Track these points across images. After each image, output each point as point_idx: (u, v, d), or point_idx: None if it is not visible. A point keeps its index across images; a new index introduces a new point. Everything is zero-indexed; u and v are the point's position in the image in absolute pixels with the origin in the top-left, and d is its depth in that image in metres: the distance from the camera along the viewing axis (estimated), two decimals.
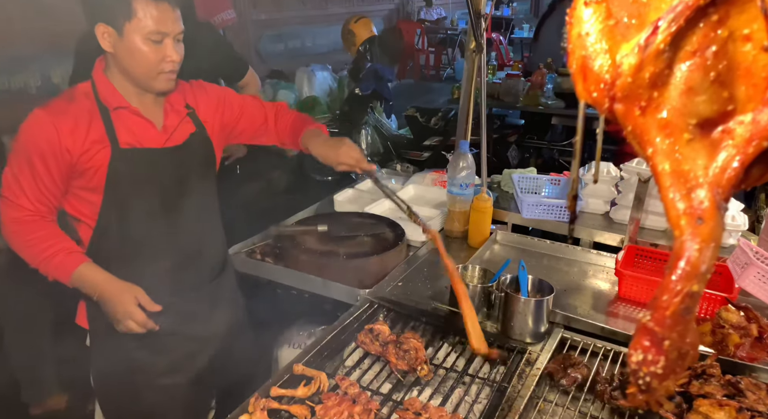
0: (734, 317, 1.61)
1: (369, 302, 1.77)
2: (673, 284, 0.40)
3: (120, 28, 1.40)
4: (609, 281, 1.98)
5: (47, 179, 1.46)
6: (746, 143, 0.39)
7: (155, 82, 1.49)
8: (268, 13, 7.80)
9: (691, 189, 0.40)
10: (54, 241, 1.50)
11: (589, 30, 0.42)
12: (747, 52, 0.38)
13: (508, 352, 1.56)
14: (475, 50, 2.19)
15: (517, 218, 2.42)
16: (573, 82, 0.46)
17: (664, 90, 0.41)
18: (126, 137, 1.51)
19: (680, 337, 0.40)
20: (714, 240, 0.40)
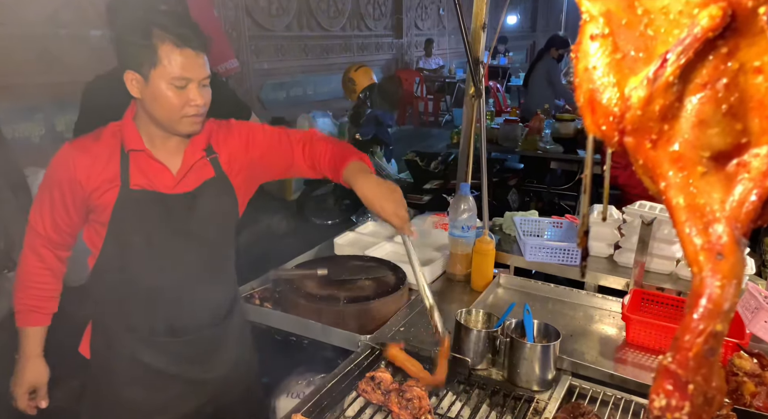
0: (747, 364, 1.56)
1: (370, 348, 1.72)
2: (696, 323, 0.38)
3: (147, 74, 1.44)
4: (616, 325, 1.93)
5: (62, 210, 1.55)
6: (763, 177, 0.38)
7: (179, 126, 1.51)
8: (271, 62, 8.02)
9: (708, 224, 0.39)
10: (36, 292, 1.60)
11: (596, 64, 0.42)
12: (759, 84, 0.37)
13: (515, 401, 1.50)
14: (474, 95, 2.23)
15: (519, 261, 2.40)
16: (581, 116, 0.45)
17: (675, 123, 0.40)
18: (137, 179, 1.54)
19: (705, 381, 0.38)
20: (736, 276, 0.38)
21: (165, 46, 1.42)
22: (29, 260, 1.60)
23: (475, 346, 1.63)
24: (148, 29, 1.42)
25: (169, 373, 1.65)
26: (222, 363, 1.74)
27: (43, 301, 1.61)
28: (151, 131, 1.55)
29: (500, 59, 13.55)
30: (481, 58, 2.19)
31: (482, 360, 1.64)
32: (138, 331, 1.62)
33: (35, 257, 1.60)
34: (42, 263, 1.60)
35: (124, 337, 1.62)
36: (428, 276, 2.18)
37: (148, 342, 1.63)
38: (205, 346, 1.71)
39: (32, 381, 1.63)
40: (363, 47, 10.44)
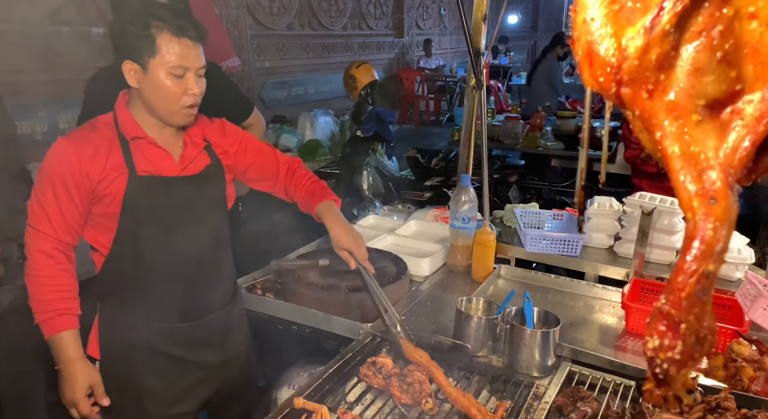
0: (746, 350, 1.57)
1: (371, 336, 1.73)
2: (688, 265, 0.38)
3: (145, 64, 1.47)
4: (615, 315, 1.94)
5: (70, 205, 1.51)
6: (756, 122, 0.39)
7: (176, 116, 1.55)
8: (272, 61, 8.04)
9: (702, 171, 0.40)
10: (59, 294, 1.53)
11: (593, 15, 0.43)
12: (753, 30, 0.38)
13: (515, 387, 1.51)
14: (475, 87, 2.24)
15: (520, 253, 2.41)
16: (579, 71, 0.46)
17: (671, 72, 0.41)
18: (143, 165, 1.56)
19: (697, 320, 0.38)
20: (728, 220, 0.39)
21: (163, 36, 1.45)
22: (43, 265, 1.53)
23: (475, 333, 1.64)
24: (147, 20, 1.45)
25: (187, 359, 1.68)
26: (230, 347, 1.80)
27: (69, 302, 1.56)
28: (146, 120, 1.57)
29: (501, 59, 13.57)
30: (482, 48, 2.20)
31: (482, 347, 1.65)
32: (154, 319, 1.63)
33: (50, 261, 1.53)
34: (58, 264, 1.55)
35: (139, 328, 1.62)
36: (429, 268, 2.20)
37: (165, 330, 1.65)
38: (217, 329, 1.75)
39: (87, 383, 1.56)
40: (364, 46, 10.46)
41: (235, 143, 1.80)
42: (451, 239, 2.24)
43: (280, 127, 7.00)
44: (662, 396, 0.43)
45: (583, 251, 2.33)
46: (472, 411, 1.36)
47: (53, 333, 1.53)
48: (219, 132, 1.76)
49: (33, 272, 1.54)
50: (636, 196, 2.29)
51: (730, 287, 1.97)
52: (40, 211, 1.52)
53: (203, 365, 1.73)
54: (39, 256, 1.53)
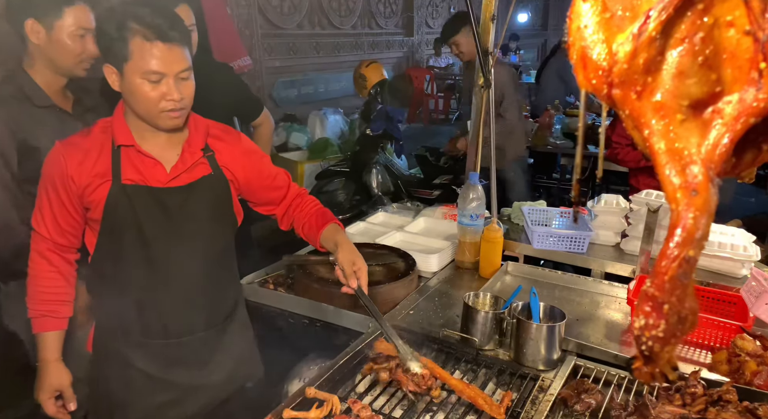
0: (750, 345, 1.59)
1: (380, 329, 1.77)
2: (671, 251, 0.42)
3: (121, 68, 1.43)
4: (621, 311, 1.97)
5: (61, 208, 1.53)
6: (734, 121, 0.42)
7: (159, 121, 1.49)
8: (282, 60, 8.09)
9: (685, 165, 0.44)
10: (45, 296, 1.59)
11: (587, 23, 0.47)
12: (731, 37, 0.42)
13: (521, 379, 1.54)
14: (483, 86, 2.27)
15: (527, 250, 2.43)
16: (574, 74, 0.50)
17: (657, 75, 0.45)
18: (129, 174, 1.52)
19: (679, 301, 0.42)
20: (708, 210, 0.42)
21: (135, 40, 1.39)
22: (38, 265, 1.58)
23: (482, 327, 1.67)
24: (123, 21, 1.38)
25: (157, 377, 1.62)
26: (221, 367, 1.71)
27: (56, 305, 1.58)
28: (140, 126, 1.53)
29: (511, 57, 13.54)
30: (490, 49, 2.24)
31: (489, 341, 1.68)
32: (131, 333, 1.59)
33: (44, 262, 1.57)
34: (51, 266, 1.58)
35: (117, 339, 1.61)
36: (437, 264, 2.23)
37: (140, 345, 1.60)
38: (202, 349, 1.67)
39: (55, 386, 1.60)
40: (374, 45, 10.49)
41: (247, 156, 1.71)
42: (459, 236, 2.27)
43: (290, 125, 7.06)
44: (650, 373, 0.46)
45: (590, 248, 2.36)
46: (479, 401, 1.39)
47: (37, 331, 1.59)
48: (232, 142, 1.69)
49: (30, 272, 1.60)
50: (643, 194, 2.32)
51: (735, 284, 1.99)
52: (38, 213, 1.56)
53: (176, 386, 1.65)
54: (35, 256, 1.59)
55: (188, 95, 1.50)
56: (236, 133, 1.75)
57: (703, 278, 2.05)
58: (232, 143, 1.69)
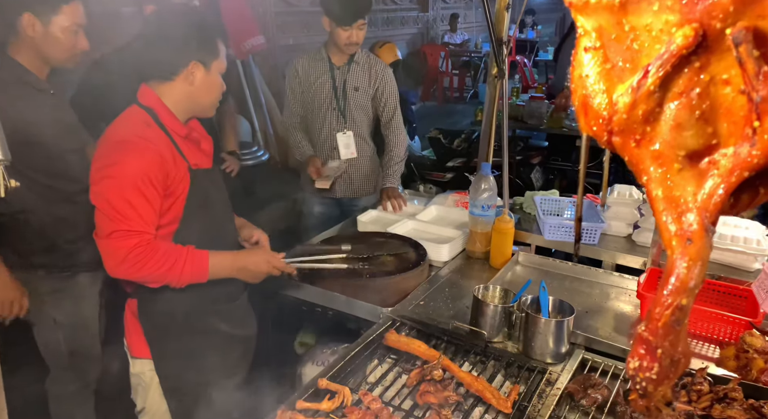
0: (758, 342, 1.60)
1: (391, 320, 1.81)
2: (665, 298, 0.44)
3: (209, 64, 1.64)
4: (631, 303, 1.98)
5: (159, 202, 1.58)
6: (729, 173, 0.43)
7: (212, 110, 1.75)
8: (296, 37, 8.02)
9: (681, 213, 0.45)
10: (174, 251, 1.59)
11: (588, 72, 0.48)
12: (727, 94, 0.43)
13: (529, 372, 1.58)
14: (497, 76, 2.26)
15: (539, 240, 2.45)
16: (576, 117, 0.51)
17: (656, 125, 0.46)
18: (192, 159, 1.69)
19: (672, 346, 0.44)
20: (701, 259, 0.44)
21: (218, 42, 1.65)
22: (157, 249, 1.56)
23: (491, 320, 1.70)
24: (201, 23, 1.65)
25: (233, 334, 1.83)
26: (254, 321, 1.98)
27: (180, 247, 1.62)
28: (180, 118, 1.70)
29: (528, 33, 13.27)
30: (505, 36, 2.21)
31: (498, 334, 1.71)
32: (205, 300, 1.73)
33: (159, 244, 1.57)
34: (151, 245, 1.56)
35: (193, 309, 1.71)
36: (448, 254, 2.26)
37: (216, 310, 1.78)
38: (247, 307, 1.94)
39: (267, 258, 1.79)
40: (388, 22, 10.34)
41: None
42: (470, 226, 2.29)
43: None
44: (645, 406, 0.49)
45: (601, 239, 2.36)
46: (486, 394, 1.43)
47: (207, 266, 1.63)
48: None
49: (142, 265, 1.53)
50: None
51: (748, 278, 1.99)
52: (132, 214, 1.52)
53: (245, 338, 1.90)
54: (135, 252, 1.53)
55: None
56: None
57: (715, 272, 2.06)
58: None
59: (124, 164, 1.53)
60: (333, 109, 2.80)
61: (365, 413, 1.32)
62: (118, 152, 1.56)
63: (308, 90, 2.79)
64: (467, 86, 11.59)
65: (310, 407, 1.36)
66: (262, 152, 4.91)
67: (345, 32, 2.59)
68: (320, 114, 2.81)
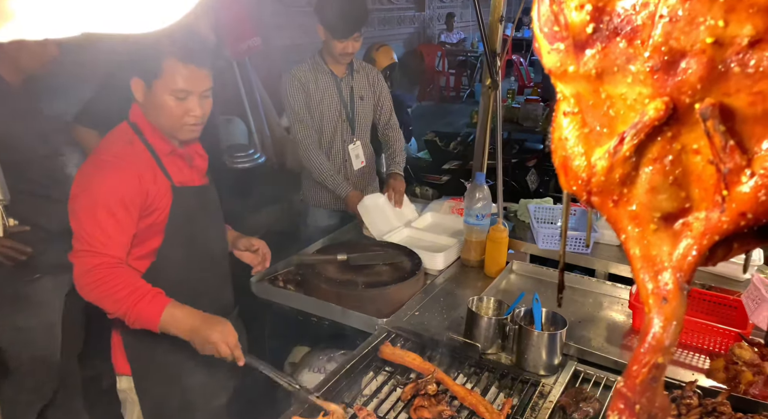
0: (747, 354, 1.62)
1: (386, 331, 1.83)
2: (642, 356, 0.46)
3: (150, 83, 1.55)
4: (623, 313, 2.00)
5: (131, 224, 1.55)
6: (701, 236, 0.45)
7: (179, 133, 1.65)
8: (293, 38, 8.01)
9: (657, 272, 0.47)
10: (136, 285, 1.51)
11: (568, 135, 0.50)
12: (697, 162, 0.44)
13: (522, 384, 1.60)
14: (490, 87, 2.27)
15: (534, 249, 2.47)
16: (557, 175, 0.53)
17: (632, 188, 0.48)
18: (177, 177, 1.67)
19: (650, 402, 0.46)
20: (676, 318, 0.46)
21: (169, 60, 1.52)
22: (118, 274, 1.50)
23: (485, 332, 1.73)
24: (158, 40, 1.50)
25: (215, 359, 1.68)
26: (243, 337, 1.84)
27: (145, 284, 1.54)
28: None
29: (524, 31, 13.28)
30: (498, 48, 2.23)
31: (492, 345, 1.73)
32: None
33: (122, 270, 1.52)
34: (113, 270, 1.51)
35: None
36: (443, 262, 2.28)
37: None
38: (236, 325, 1.80)
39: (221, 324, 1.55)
40: (385, 21, 10.32)
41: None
42: (465, 235, 2.31)
43: None
44: None
45: (594, 248, 2.38)
46: (480, 408, 1.45)
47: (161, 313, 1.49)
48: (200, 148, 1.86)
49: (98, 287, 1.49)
50: None
51: (738, 288, 2.02)
52: (101, 235, 1.49)
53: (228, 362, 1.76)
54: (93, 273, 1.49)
55: (208, 111, 1.65)
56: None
57: (706, 281, 2.08)
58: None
59: (97, 184, 1.53)
60: (343, 120, 2.79)
61: None
62: (94, 171, 1.55)
63: (318, 104, 2.73)
64: (464, 86, 11.61)
65: None
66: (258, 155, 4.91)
67: (341, 44, 2.58)
68: (330, 127, 2.78)
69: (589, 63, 0.45)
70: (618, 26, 0.44)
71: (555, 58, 0.48)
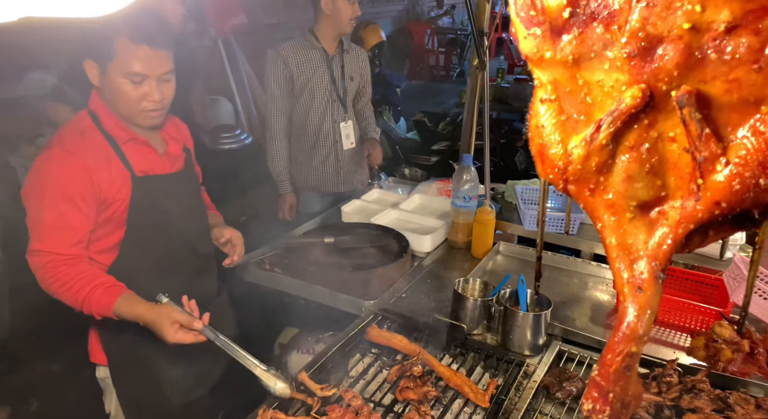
0: (727, 332, 1.65)
1: (373, 313, 1.83)
2: (615, 346, 0.46)
3: (104, 66, 1.46)
4: (608, 292, 2.03)
5: (83, 220, 1.48)
6: (677, 225, 0.45)
7: (138, 119, 1.55)
8: (279, 16, 7.87)
9: (633, 261, 0.47)
10: (87, 280, 1.47)
11: (544, 123, 0.49)
12: (674, 150, 0.44)
13: (507, 364, 1.62)
14: (478, 67, 2.25)
15: (521, 230, 2.47)
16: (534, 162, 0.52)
17: (608, 176, 0.47)
18: (139, 166, 1.58)
19: (623, 390, 0.46)
20: (650, 307, 0.46)
21: (121, 41, 1.43)
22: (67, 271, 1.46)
23: (471, 313, 1.74)
24: (110, 20, 1.39)
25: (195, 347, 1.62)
26: (230, 330, 1.84)
27: (100, 275, 1.51)
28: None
29: None
30: (486, 28, 2.20)
31: (478, 326, 1.75)
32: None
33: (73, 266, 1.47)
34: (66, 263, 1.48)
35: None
36: (431, 244, 2.28)
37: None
38: (224, 308, 1.88)
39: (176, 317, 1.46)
40: None
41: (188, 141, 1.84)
42: (452, 217, 2.31)
43: None
44: None
45: (580, 229, 2.40)
46: (465, 389, 1.47)
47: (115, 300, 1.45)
48: (182, 129, 1.82)
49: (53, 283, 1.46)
50: None
51: (719, 267, 2.04)
52: (52, 233, 1.45)
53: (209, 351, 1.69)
54: (47, 269, 1.46)
55: (169, 96, 1.56)
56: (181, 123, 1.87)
57: (689, 261, 2.10)
58: (182, 129, 1.83)
59: (44, 181, 1.47)
60: (333, 100, 2.76)
61: (346, 410, 1.35)
62: (42, 166, 1.48)
63: (306, 82, 2.68)
64: (454, 64, 11.50)
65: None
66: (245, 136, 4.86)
67: (351, 6, 2.56)
68: (321, 107, 2.75)
69: (566, 49, 0.44)
70: (595, 11, 0.43)
71: (531, 44, 0.47)
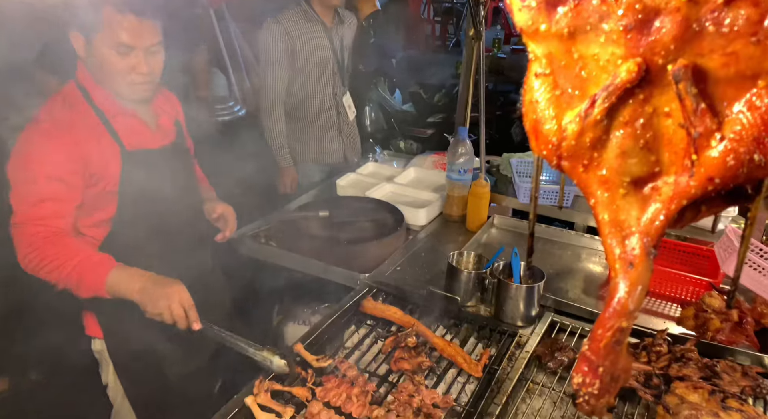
0: (717, 302, 1.67)
1: (368, 286, 1.85)
2: (606, 321, 0.46)
3: (90, 38, 1.45)
4: (601, 264, 2.05)
5: (70, 194, 1.47)
6: (670, 201, 0.45)
7: (127, 92, 1.53)
8: None
9: (625, 236, 0.47)
10: (74, 254, 1.45)
11: (539, 98, 0.48)
12: (668, 126, 0.44)
13: (500, 335, 1.64)
14: (474, 37, 2.21)
15: (515, 203, 2.48)
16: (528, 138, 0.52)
17: (602, 152, 0.47)
18: (129, 139, 1.57)
19: (612, 364, 0.47)
20: (641, 283, 0.46)
21: (107, 11, 1.40)
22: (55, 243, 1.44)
23: (465, 286, 1.75)
24: None
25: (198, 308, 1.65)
26: (226, 302, 1.93)
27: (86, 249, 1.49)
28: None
29: None
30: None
31: (471, 298, 1.77)
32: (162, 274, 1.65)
33: (61, 239, 1.45)
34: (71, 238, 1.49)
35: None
36: (426, 217, 2.28)
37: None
38: (210, 288, 1.85)
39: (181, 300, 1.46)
40: None
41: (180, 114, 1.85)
42: (447, 190, 2.31)
43: None
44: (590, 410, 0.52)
45: (574, 201, 2.40)
46: (458, 359, 1.49)
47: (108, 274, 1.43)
48: (174, 102, 1.82)
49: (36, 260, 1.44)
50: None
51: (711, 239, 2.06)
52: (41, 207, 1.44)
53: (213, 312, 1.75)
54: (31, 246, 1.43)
55: (158, 68, 1.54)
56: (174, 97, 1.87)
57: (681, 233, 2.12)
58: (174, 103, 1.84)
59: (31, 154, 1.45)
60: (334, 72, 2.71)
61: (341, 381, 1.37)
62: (29, 140, 1.46)
63: (306, 54, 2.62)
64: (450, 34, 11.30)
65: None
66: (238, 108, 4.80)
67: None
68: (322, 79, 2.70)
69: (561, 21, 0.43)
70: None
71: (526, 16, 0.46)
